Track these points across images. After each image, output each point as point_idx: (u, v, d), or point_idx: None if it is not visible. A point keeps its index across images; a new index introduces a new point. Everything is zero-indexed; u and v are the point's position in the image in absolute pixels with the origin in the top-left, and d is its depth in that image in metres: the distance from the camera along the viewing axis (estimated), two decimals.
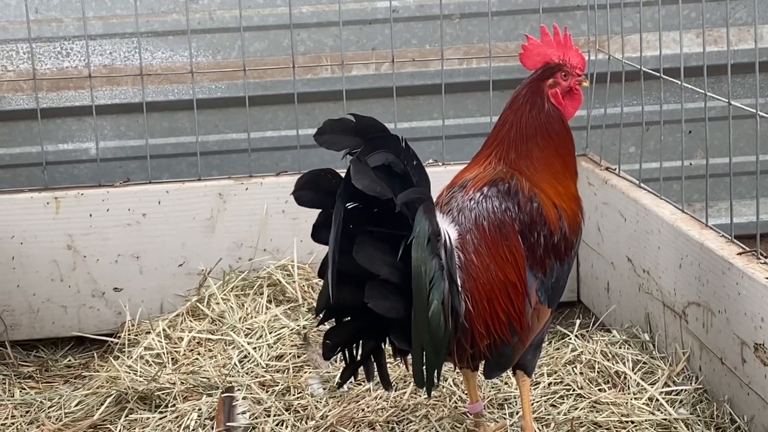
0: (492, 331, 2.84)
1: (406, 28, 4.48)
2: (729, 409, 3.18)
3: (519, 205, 2.91)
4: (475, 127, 4.52)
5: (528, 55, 3.08)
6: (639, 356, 3.53)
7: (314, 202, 2.72)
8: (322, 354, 2.84)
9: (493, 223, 2.88)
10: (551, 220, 2.93)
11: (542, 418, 3.23)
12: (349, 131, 2.68)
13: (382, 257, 2.67)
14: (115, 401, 3.50)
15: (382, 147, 2.66)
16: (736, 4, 4.53)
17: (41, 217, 4.08)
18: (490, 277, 2.84)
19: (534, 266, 2.90)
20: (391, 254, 2.67)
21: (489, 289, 2.84)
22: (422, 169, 2.70)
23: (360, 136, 2.67)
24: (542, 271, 2.92)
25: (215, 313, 3.96)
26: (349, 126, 2.68)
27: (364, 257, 2.65)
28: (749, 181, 4.55)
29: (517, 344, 2.90)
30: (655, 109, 4.25)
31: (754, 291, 3.00)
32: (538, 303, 2.91)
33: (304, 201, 2.72)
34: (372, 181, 2.61)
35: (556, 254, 2.94)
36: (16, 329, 4.14)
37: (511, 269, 2.87)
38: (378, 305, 2.65)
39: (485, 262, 2.85)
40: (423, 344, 2.70)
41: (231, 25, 4.41)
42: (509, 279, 2.86)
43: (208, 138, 4.48)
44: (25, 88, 4.37)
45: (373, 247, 2.66)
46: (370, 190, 2.61)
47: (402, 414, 3.28)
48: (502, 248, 2.87)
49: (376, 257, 2.66)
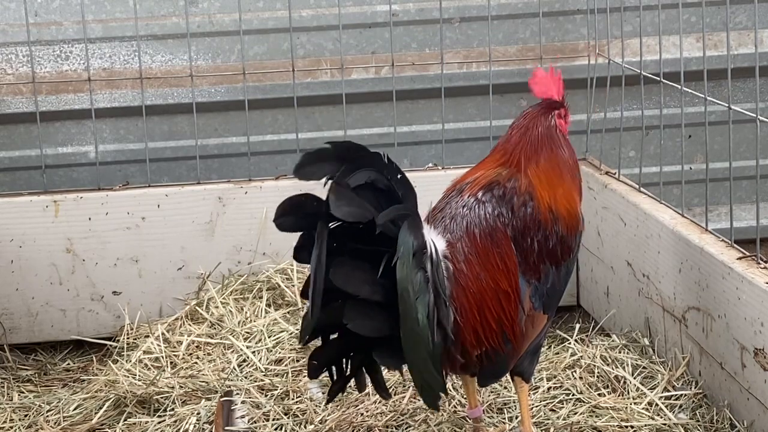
0: (483, 340, 2.82)
1: (406, 31, 4.48)
2: (729, 414, 3.17)
3: (512, 210, 2.89)
4: (475, 131, 4.52)
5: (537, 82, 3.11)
6: (639, 361, 3.53)
7: (296, 227, 2.68)
8: (308, 374, 2.82)
9: (485, 230, 2.87)
10: (546, 225, 2.91)
11: (541, 423, 3.22)
12: (328, 158, 2.64)
13: (362, 276, 2.65)
14: (114, 405, 3.50)
15: (364, 166, 2.65)
16: (736, 8, 4.53)
17: (40, 221, 4.07)
18: (481, 286, 2.83)
19: (527, 272, 2.88)
20: (372, 272, 2.65)
21: (479, 299, 2.82)
22: (407, 183, 2.69)
23: (340, 161, 2.64)
24: (536, 278, 2.90)
25: (214, 316, 3.96)
26: (328, 154, 2.65)
27: (340, 279, 2.62)
28: (749, 186, 4.54)
29: (510, 352, 2.88)
30: (655, 113, 4.24)
31: (754, 296, 3.00)
32: (532, 309, 2.89)
33: (286, 227, 2.67)
34: (351, 205, 2.60)
35: (551, 259, 2.92)
36: (14, 332, 4.13)
37: (502, 277, 2.85)
38: (358, 326, 2.64)
39: (476, 271, 2.83)
40: (416, 360, 2.68)
41: (230, 29, 4.41)
42: (500, 287, 2.84)
43: (207, 141, 4.47)
44: (25, 91, 4.37)
45: (351, 267, 2.64)
46: (350, 216, 2.59)
47: (401, 418, 3.28)
48: (493, 256, 2.85)
49: (355, 277, 2.64)
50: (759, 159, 3.29)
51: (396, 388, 3.41)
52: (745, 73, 4.43)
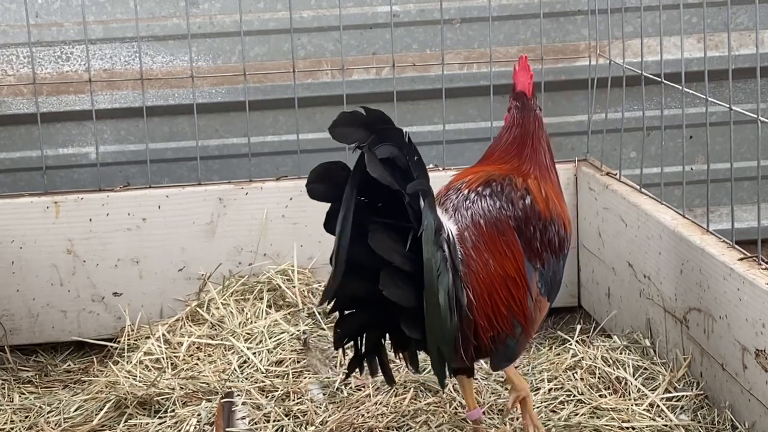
0: (495, 324, 2.91)
1: (407, 32, 4.47)
2: (730, 415, 3.17)
3: (513, 202, 3.00)
4: (475, 131, 4.52)
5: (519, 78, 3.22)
6: (640, 362, 3.53)
7: (326, 195, 2.74)
8: (333, 343, 2.86)
9: (489, 220, 2.97)
10: (544, 216, 3.03)
11: (543, 424, 3.22)
12: (360, 124, 2.70)
13: (393, 246, 2.70)
14: (115, 406, 3.50)
15: (389, 140, 2.69)
16: (737, 9, 4.52)
17: (41, 222, 4.07)
18: (490, 272, 2.91)
19: (532, 258, 2.99)
20: (401, 243, 2.70)
21: (489, 284, 2.91)
22: (423, 165, 2.74)
23: (368, 129, 2.69)
24: (541, 263, 3.00)
25: (215, 317, 3.95)
26: (360, 119, 2.71)
27: (378, 244, 2.68)
28: (750, 187, 4.54)
29: (520, 336, 2.97)
30: (656, 114, 4.24)
31: (756, 297, 3.00)
32: (539, 295, 2.99)
33: (316, 193, 2.74)
34: (383, 171, 2.65)
35: (551, 249, 3.03)
36: (15, 334, 4.13)
37: (510, 264, 2.94)
38: (391, 293, 2.68)
39: (484, 258, 2.92)
40: (435, 335, 2.73)
41: (231, 30, 4.41)
42: (508, 273, 2.94)
43: (208, 142, 4.47)
44: (26, 93, 4.37)
45: (385, 236, 2.70)
46: (383, 179, 2.64)
47: (402, 420, 3.28)
48: (499, 244, 2.95)
49: (388, 245, 2.70)
50: (760, 160, 3.29)
51: (397, 389, 3.41)
52: (746, 74, 4.42)
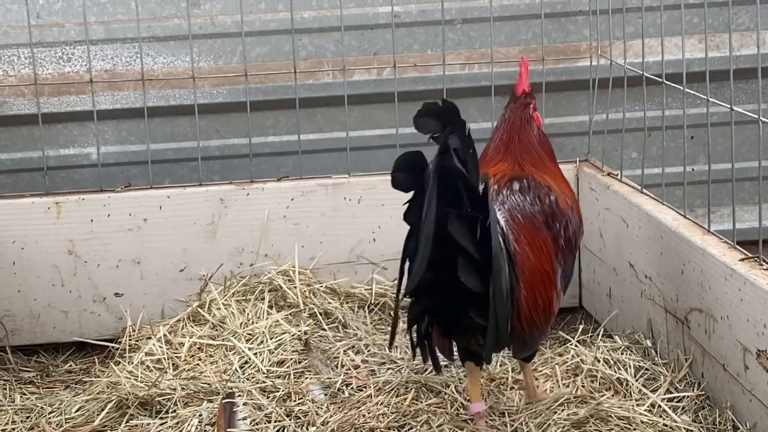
0: (533, 316, 3.00)
1: (408, 33, 4.47)
2: (731, 416, 3.17)
3: (539, 198, 3.10)
4: (477, 132, 4.46)
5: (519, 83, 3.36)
6: (641, 362, 3.53)
7: (408, 184, 2.77)
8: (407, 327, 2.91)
9: (525, 216, 3.06)
10: (566, 213, 3.14)
11: (543, 424, 3.22)
12: (438, 116, 2.76)
13: (466, 234, 2.75)
14: (116, 407, 3.49)
15: (455, 133, 2.75)
16: (738, 9, 4.52)
17: (42, 222, 4.07)
18: (532, 267, 3.00)
19: (558, 254, 3.08)
20: (471, 233, 2.75)
21: (530, 277, 2.99)
22: (476, 158, 2.79)
23: (444, 122, 2.75)
24: (564, 260, 3.10)
25: (216, 318, 3.95)
26: (438, 110, 2.76)
27: (457, 232, 2.72)
28: (752, 187, 4.54)
29: (544, 328, 3.08)
30: (657, 114, 4.24)
31: (757, 297, 2.99)
32: (560, 291, 3.11)
33: (399, 182, 2.78)
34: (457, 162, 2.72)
35: (573, 244, 3.15)
36: (16, 334, 4.13)
37: (545, 259, 3.04)
38: (467, 279, 2.74)
39: (525, 251, 3.00)
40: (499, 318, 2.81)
41: (232, 30, 4.41)
42: (544, 268, 3.03)
43: (209, 143, 4.47)
44: (27, 93, 4.37)
45: (459, 223, 2.74)
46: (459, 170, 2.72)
47: (403, 419, 3.27)
48: (536, 239, 3.04)
49: (463, 233, 2.74)
50: (761, 160, 3.29)
51: (398, 389, 3.41)
52: (748, 74, 4.42)
